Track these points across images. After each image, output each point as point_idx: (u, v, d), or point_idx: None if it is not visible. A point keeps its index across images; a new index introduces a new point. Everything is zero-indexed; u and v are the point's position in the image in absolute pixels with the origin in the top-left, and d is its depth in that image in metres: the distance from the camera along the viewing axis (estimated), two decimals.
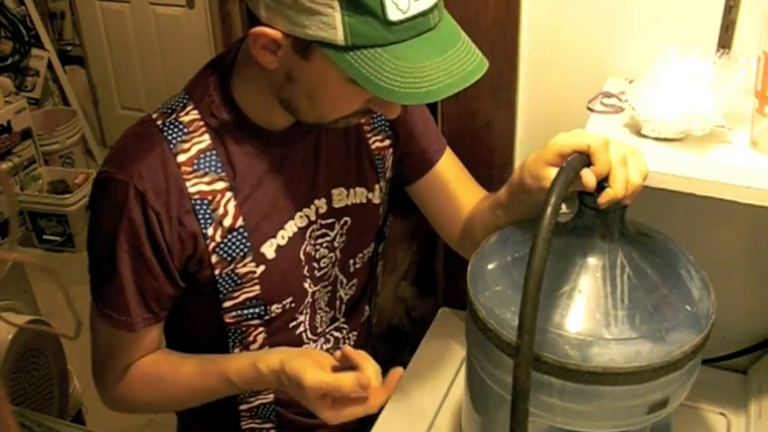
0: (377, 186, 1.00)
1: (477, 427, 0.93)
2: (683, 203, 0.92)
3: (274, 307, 0.93)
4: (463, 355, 1.17)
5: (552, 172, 0.75)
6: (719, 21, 0.96)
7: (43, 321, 1.58)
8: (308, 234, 0.94)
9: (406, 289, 1.72)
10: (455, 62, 0.73)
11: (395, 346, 1.70)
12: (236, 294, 0.89)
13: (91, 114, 3.80)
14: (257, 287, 0.90)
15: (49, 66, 3.55)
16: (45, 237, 3.06)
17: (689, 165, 0.85)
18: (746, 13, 0.95)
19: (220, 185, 0.85)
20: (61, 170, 3.26)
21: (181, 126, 0.85)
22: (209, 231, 0.85)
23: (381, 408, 1.11)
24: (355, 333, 1.07)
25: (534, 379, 0.68)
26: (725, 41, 0.97)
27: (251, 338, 0.94)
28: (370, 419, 1.11)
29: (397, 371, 0.83)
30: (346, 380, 0.80)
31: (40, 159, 3.23)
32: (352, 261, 1.02)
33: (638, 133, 0.92)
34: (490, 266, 0.82)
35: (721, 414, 1.07)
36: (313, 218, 0.94)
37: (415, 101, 0.71)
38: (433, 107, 1.09)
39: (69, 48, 3.73)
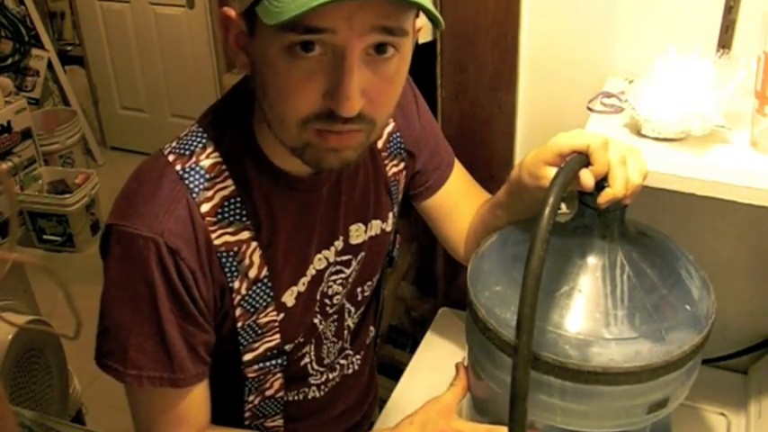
0: (390, 214, 0.97)
1: None
2: (683, 203, 0.92)
3: (287, 347, 0.89)
4: (463, 355, 1.17)
5: (551, 171, 0.75)
6: (719, 21, 0.96)
7: (43, 321, 1.58)
8: (325, 275, 0.90)
9: (406, 289, 1.72)
10: None
11: (395, 346, 1.70)
12: (257, 345, 0.85)
13: (91, 114, 3.81)
14: (277, 335, 0.86)
15: (49, 66, 3.56)
16: (45, 237, 3.06)
17: (689, 165, 0.85)
18: (746, 13, 0.95)
19: (245, 235, 0.79)
20: (61, 170, 3.26)
21: (202, 172, 0.77)
22: (236, 285, 0.80)
23: (380, 408, 1.12)
24: (359, 357, 1.05)
25: (534, 379, 0.69)
26: (725, 41, 0.97)
27: (267, 385, 0.91)
28: (370, 421, 1.11)
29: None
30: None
31: (40, 159, 3.23)
32: (360, 289, 0.98)
33: (638, 133, 0.92)
34: (490, 266, 0.82)
35: (721, 414, 1.07)
36: (332, 259, 0.90)
37: (286, 14, 0.60)
38: (433, 108, 1.08)
39: (69, 48, 3.73)
